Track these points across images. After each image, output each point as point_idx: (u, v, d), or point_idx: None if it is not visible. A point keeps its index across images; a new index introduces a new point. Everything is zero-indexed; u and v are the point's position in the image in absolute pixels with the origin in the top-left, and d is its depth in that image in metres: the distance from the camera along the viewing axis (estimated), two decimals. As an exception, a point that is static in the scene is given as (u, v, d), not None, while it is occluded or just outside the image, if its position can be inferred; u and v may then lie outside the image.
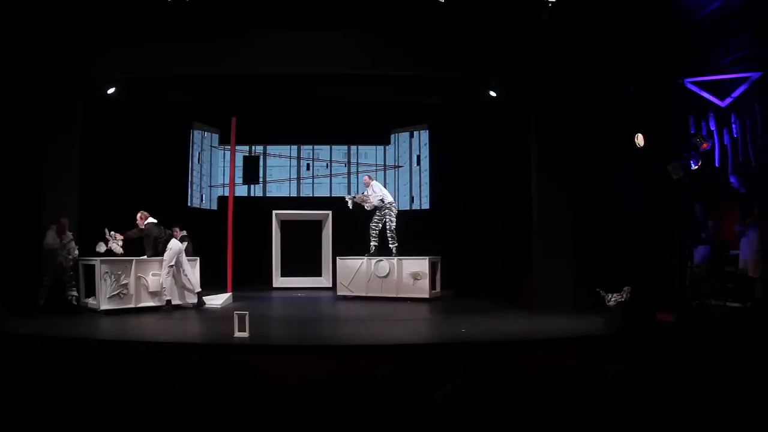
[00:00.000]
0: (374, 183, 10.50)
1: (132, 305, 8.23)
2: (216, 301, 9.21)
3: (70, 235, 8.24)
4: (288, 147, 13.56)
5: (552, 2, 7.73)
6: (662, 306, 7.66)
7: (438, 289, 10.16)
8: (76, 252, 8.32)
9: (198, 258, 9.33)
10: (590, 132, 8.60)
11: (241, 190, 12.86)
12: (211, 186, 13.00)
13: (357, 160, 13.61)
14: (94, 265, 8.11)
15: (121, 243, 8.48)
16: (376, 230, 10.29)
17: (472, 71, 9.06)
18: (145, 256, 8.52)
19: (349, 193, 11.50)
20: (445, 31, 8.43)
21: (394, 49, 8.71)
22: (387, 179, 13.22)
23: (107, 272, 8.01)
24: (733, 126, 7.80)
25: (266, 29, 8.53)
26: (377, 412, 2.67)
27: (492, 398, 2.81)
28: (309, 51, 8.56)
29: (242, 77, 9.34)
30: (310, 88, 10.08)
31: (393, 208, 10.28)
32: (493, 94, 9.52)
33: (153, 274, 8.44)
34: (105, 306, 7.93)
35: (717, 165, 8.02)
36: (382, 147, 13.56)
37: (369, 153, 13.63)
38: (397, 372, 2.86)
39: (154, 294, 8.44)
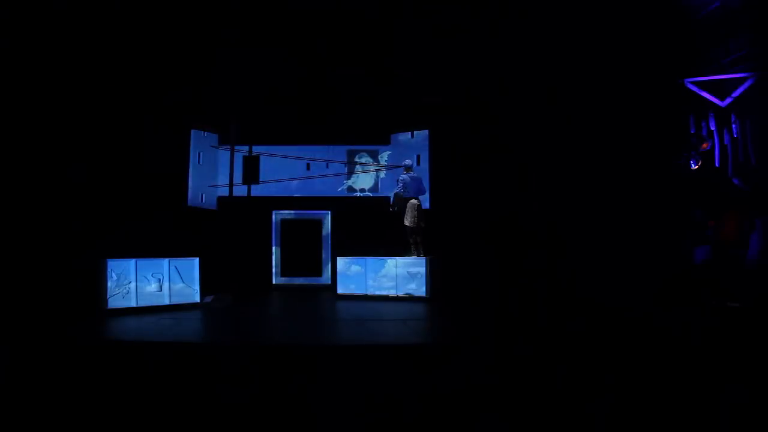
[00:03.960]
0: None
1: (134, 305, 8.26)
2: (216, 301, 9.22)
3: None
4: (288, 147, 13.53)
5: None
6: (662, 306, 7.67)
7: (438, 289, 10.17)
8: None
9: (198, 258, 9.35)
10: (590, 132, 8.61)
11: (241, 190, 12.86)
12: (211, 186, 12.99)
13: (357, 160, 13.59)
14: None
15: None
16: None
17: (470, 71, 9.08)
18: None
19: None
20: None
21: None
22: (387, 179, 13.21)
23: (109, 271, 8.04)
24: (733, 126, 7.81)
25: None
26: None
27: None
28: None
29: (242, 76, 9.35)
30: (310, 87, 10.09)
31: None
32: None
33: (153, 275, 8.47)
34: (106, 305, 7.97)
35: (717, 165, 8.03)
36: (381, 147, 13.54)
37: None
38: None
39: (154, 294, 8.47)
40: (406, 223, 10.26)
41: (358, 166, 13.15)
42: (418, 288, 9.82)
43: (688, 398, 2.88)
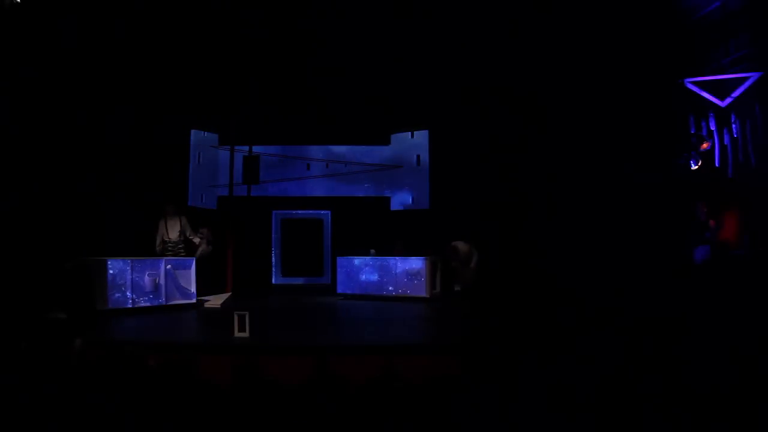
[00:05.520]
0: None
1: (131, 305, 8.25)
2: (216, 301, 9.22)
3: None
4: (288, 147, 13.51)
5: None
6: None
7: (438, 288, 10.17)
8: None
9: (195, 258, 9.33)
10: (591, 132, 8.60)
11: (241, 190, 12.85)
12: (211, 186, 12.98)
13: (357, 159, 13.57)
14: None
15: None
16: None
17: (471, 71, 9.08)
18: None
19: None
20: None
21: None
22: (387, 179, 13.20)
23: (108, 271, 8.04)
24: (733, 126, 7.81)
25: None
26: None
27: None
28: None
29: (242, 77, 9.37)
30: (310, 86, 10.11)
31: None
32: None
33: (149, 275, 8.46)
34: (104, 306, 7.96)
35: (717, 165, 8.02)
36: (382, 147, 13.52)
37: (369, 153, 13.57)
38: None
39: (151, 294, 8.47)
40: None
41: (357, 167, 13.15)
42: (418, 288, 9.80)
43: (686, 398, 2.88)
